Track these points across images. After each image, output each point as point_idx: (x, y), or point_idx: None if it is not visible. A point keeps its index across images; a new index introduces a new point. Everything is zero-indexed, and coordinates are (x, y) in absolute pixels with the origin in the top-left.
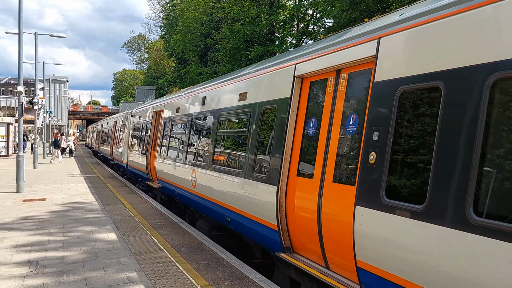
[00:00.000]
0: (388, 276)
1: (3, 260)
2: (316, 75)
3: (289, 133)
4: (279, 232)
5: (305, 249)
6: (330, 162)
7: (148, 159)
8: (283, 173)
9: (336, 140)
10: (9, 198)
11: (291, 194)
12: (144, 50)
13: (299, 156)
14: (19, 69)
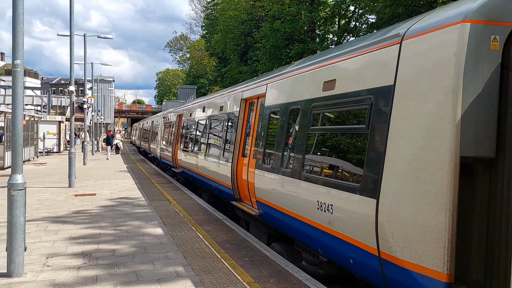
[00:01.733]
0: (268, 203)
1: (59, 252)
2: (250, 97)
3: (238, 131)
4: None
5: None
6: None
7: (173, 151)
8: (234, 157)
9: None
10: (62, 193)
11: (239, 167)
12: (185, 50)
13: (242, 145)
14: (71, 69)
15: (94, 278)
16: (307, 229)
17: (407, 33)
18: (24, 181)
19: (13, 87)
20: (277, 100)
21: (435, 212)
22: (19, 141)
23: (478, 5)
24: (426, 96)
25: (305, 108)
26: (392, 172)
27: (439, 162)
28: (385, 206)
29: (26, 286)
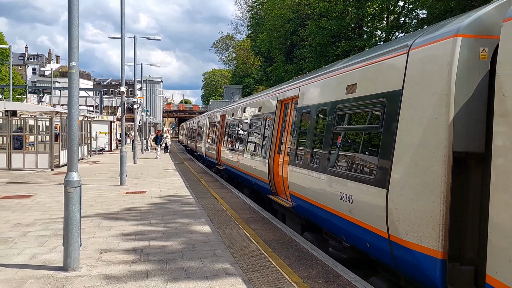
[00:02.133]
0: (299, 196)
1: (112, 247)
2: (285, 99)
3: (274, 130)
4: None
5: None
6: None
7: (216, 149)
8: (270, 154)
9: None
10: (114, 190)
11: (276, 164)
12: (231, 49)
13: (278, 143)
14: (122, 71)
15: (146, 274)
16: (332, 218)
17: (413, 44)
18: (79, 178)
19: (69, 88)
20: (308, 101)
21: (432, 200)
22: (75, 140)
23: (469, 22)
24: (425, 99)
25: (331, 109)
26: (399, 166)
27: (435, 156)
28: (393, 195)
29: (81, 280)
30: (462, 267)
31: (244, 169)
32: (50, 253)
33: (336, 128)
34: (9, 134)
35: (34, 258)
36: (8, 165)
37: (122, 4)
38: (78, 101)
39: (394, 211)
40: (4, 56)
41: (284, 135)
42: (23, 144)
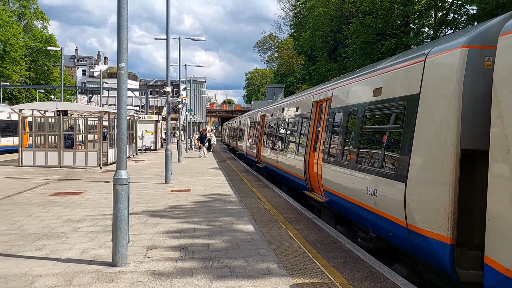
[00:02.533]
0: (332, 191)
1: (158, 244)
2: (320, 100)
3: (310, 129)
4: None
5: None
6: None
7: (257, 148)
8: (306, 152)
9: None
10: (159, 188)
11: (311, 161)
12: (274, 49)
13: (313, 142)
14: (167, 71)
15: (191, 271)
16: (360, 211)
17: (429, 53)
18: (128, 176)
19: (118, 89)
20: (340, 103)
21: (442, 192)
22: (124, 139)
23: (475, 34)
24: (438, 102)
25: (360, 110)
26: (415, 162)
27: (445, 153)
28: (410, 188)
29: (129, 275)
30: (470, 252)
31: (282, 167)
32: (100, 249)
33: (363, 128)
34: (61, 133)
35: (84, 253)
36: (59, 163)
37: (168, 6)
38: (127, 101)
39: (411, 203)
40: (56, 58)
41: (319, 134)
42: (73, 143)
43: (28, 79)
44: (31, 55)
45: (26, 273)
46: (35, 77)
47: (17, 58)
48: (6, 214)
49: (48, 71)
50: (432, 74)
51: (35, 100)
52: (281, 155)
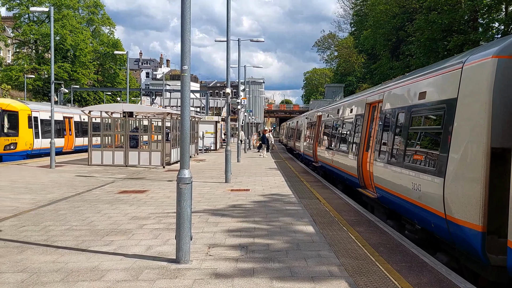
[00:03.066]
0: (382, 187)
1: (219, 243)
2: (372, 102)
3: (363, 130)
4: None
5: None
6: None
7: (313, 147)
8: (359, 151)
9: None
10: (219, 187)
11: (364, 160)
12: (333, 48)
13: (366, 141)
14: (227, 73)
15: (251, 271)
16: (407, 205)
17: (466, 61)
18: (190, 175)
19: (182, 91)
20: (390, 105)
21: (475, 185)
22: (187, 139)
23: (504, 46)
24: (472, 106)
25: (407, 112)
26: (453, 159)
27: (477, 151)
28: (448, 183)
29: (192, 272)
30: (499, 239)
31: (337, 166)
32: (163, 246)
33: (409, 128)
34: (126, 134)
35: (149, 249)
36: (125, 162)
37: (228, 8)
38: (189, 102)
39: (448, 196)
40: (122, 62)
41: (371, 134)
42: (138, 143)
43: (96, 82)
44: (99, 59)
45: (96, 267)
46: (103, 80)
47: (86, 62)
48: (78, 210)
49: (115, 74)
50: (467, 81)
51: (103, 102)
52: (336, 154)
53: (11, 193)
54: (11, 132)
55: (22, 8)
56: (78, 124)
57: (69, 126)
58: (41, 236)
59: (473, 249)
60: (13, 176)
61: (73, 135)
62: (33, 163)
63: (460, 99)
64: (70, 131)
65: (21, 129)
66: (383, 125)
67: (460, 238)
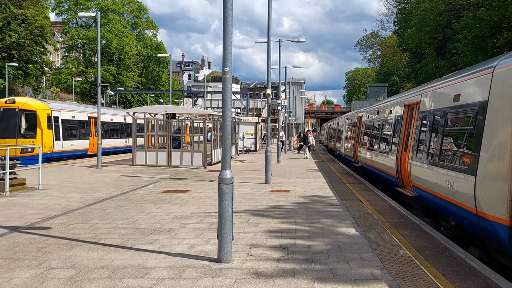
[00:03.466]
0: (419, 186)
1: (260, 243)
2: (410, 104)
3: (401, 130)
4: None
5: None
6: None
7: (353, 148)
8: (398, 151)
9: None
10: (260, 188)
11: (402, 160)
12: (376, 47)
13: (404, 142)
14: (268, 74)
15: (293, 271)
16: (442, 202)
17: (496, 65)
18: (232, 176)
19: (223, 92)
20: (426, 107)
21: (502, 183)
22: (228, 140)
23: None
24: (501, 108)
25: (442, 114)
26: (483, 158)
27: (504, 151)
28: (479, 180)
29: (233, 272)
30: None
31: (376, 166)
32: (205, 245)
33: (444, 129)
34: (169, 135)
35: (192, 248)
36: (168, 163)
37: (269, 9)
38: (231, 103)
39: (479, 192)
40: (165, 64)
41: (409, 135)
42: (180, 143)
43: (140, 84)
44: (143, 62)
45: (140, 264)
46: (146, 82)
47: (131, 65)
48: (123, 209)
49: (158, 76)
50: (497, 84)
51: (146, 104)
52: (375, 155)
53: (60, 192)
54: (29, 134)
55: (70, 13)
56: (106, 125)
57: (95, 126)
58: (88, 234)
59: (501, 242)
60: (62, 175)
61: (99, 136)
62: (80, 163)
63: (491, 102)
64: (96, 132)
65: (39, 130)
66: (420, 126)
67: (489, 232)
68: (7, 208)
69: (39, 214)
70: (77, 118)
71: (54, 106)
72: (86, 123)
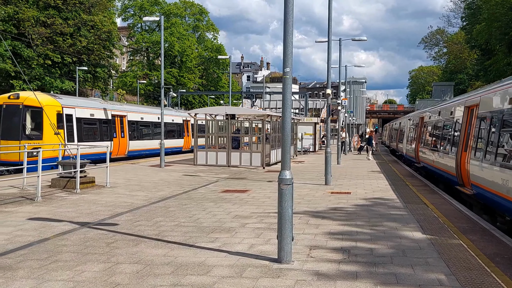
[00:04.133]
0: (477, 184)
1: (321, 245)
2: (470, 106)
3: (461, 131)
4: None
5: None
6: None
7: (415, 148)
8: (458, 151)
9: None
10: (319, 189)
11: (462, 159)
12: (442, 44)
13: (464, 142)
14: (328, 74)
15: (354, 274)
16: (497, 199)
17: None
18: (291, 176)
19: (283, 93)
20: (485, 108)
21: None
22: (288, 140)
23: None
24: None
25: (499, 115)
26: None
27: None
28: None
29: (294, 273)
30: None
31: (437, 165)
32: (265, 245)
33: (501, 130)
34: (229, 135)
35: (252, 248)
36: (227, 163)
37: (330, 8)
38: (291, 104)
39: None
40: (224, 66)
41: (469, 135)
42: (239, 144)
43: (200, 86)
44: (203, 64)
45: (202, 262)
46: (207, 84)
47: (192, 67)
48: (185, 208)
49: (217, 78)
50: None
51: (206, 105)
52: (436, 155)
53: (126, 190)
54: (34, 135)
55: (135, 18)
56: (134, 125)
57: (120, 126)
58: (153, 231)
59: None
60: (128, 174)
61: (126, 138)
62: (145, 163)
63: None
64: (122, 132)
65: (47, 131)
66: (478, 126)
67: None
68: (78, 204)
69: (107, 211)
70: (97, 116)
71: (67, 102)
72: (110, 122)
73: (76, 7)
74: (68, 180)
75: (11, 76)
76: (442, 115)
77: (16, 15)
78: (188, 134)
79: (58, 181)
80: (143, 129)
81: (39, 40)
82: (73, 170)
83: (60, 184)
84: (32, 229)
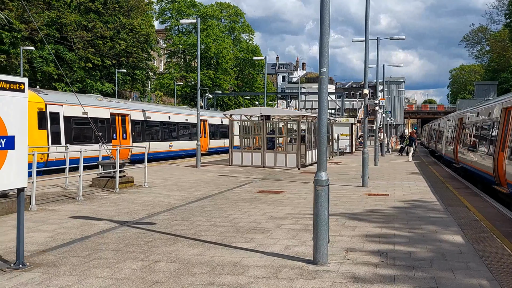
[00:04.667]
0: None
1: (357, 247)
2: (507, 107)
3: (499, 132)
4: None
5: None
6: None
7: (454, 149)
8: (495, 151)
9: None
10: (356, 191)
11: (499, 159)
12: (484, 42)
13: (501, 143)
14: (365, 74)
15: (392, 278)
16: None
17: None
18: (327, 178)
19: (319, 93)
20: None
21: None
22: (324, 141)
23: None
24: None
25: None
26: None
27: None
28: None
29: (330, 275)
30: None
31: (475, 165)
32: (301, 246)
33: None
34: (263, 136)
35: (287, 249)
36: (262, 163)
37: (367, 6)
38: (327, 105)
39: None
40: (260, 67)
41: (506, 135)
42: (274, 144)
43: (236, 87)
44: (239, 65)
45: (238, 262)
46: (242, 85)
47: (228, 68)
48: (221, 208)
49: (253, 79)
50: None
51: (242, 106)
52: (474, 155)
53: (163, 190)
54: None
55: (172, 21)
56: (140, 124)
57: (123, 126)
58: (189, 230)
59: None
60: (166, 174)
61: (128, 139)
62: (182, 163)
63: None
64: (124, 133)
65: None
66: None
67: None
68: (117, 204)
69: (145, 210)
70: (92, 115)
71: (52, 99)
72: (108, 122)
73: (115, 11)
74: (108, 180)
75: (54, 79)
76: (480, 116)
77: (59, 20)
78: (205, 135)
79: (98, 181)
80: (149, 129)
81: (81, 43)
82: (113, 170)
83: (100, 184)
84: (74, 227)
